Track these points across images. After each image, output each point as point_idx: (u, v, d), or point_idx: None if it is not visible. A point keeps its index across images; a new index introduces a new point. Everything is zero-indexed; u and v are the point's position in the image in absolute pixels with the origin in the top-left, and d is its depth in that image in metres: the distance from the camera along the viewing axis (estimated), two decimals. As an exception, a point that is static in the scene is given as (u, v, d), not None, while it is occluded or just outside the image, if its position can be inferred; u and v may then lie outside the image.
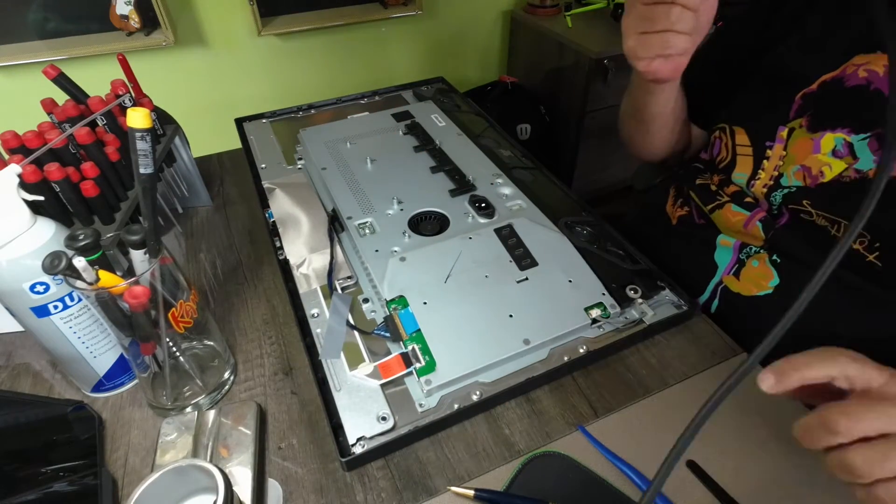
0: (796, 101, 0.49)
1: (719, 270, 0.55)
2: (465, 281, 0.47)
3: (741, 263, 0.53)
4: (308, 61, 1.57)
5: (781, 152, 0.50)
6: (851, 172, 0.45)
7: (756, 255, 0.52)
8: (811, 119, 0.47)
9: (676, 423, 0.41)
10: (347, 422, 0.39)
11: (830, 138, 0.46)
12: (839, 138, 0.45)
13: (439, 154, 0.64)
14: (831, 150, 0.46)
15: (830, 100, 0.47)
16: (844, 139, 0.45)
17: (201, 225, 0.64)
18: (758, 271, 0.51)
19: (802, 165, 0.48)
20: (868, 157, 0.44)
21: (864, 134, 0.44)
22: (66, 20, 1.27)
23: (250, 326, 0.50)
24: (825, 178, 0.46)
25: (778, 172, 0.50)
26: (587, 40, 1.48)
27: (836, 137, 0.45)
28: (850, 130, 0.45)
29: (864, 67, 0.44)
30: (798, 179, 0.48)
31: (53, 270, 0.32)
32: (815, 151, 0.47)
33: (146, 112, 0.33)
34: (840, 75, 0.46)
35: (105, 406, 0.44)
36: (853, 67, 0.45)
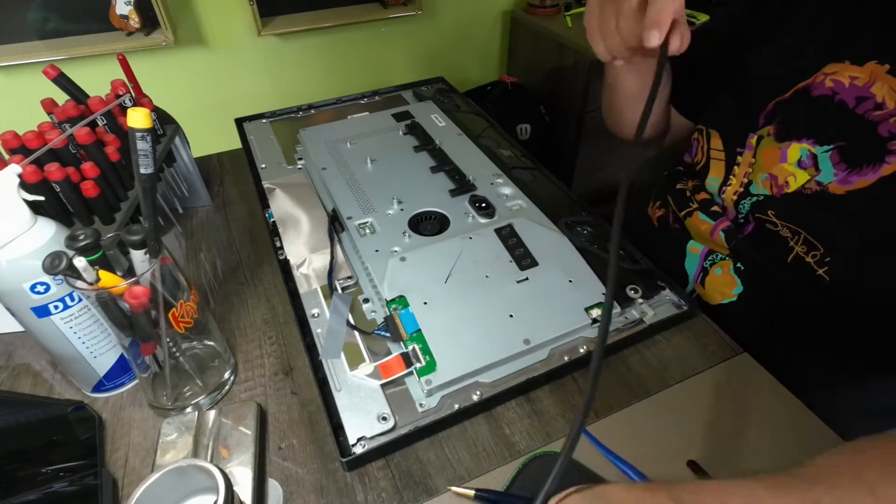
0: (768, 108, 0.48)
1: (689, 279, 0.56)
2: (466, 281, 0.47)
3: (705, 272, 0.53)
4: (308, 61, 1.57)
5: (751, 159, 0.49)
6: (813, 184, 0.44)
7: (720, 262, 0.52)
8: (778, 127, 0.47)
9: (676, 423, 0.41)
10: (348, 422, 0.39)
11: (796, 148, 0.45)
12: (804, 149, 0.44)
13: (439, 154, 0.64)
14: (797, 160, 0.45)
15: (798, 109, 0.46)
16: (809, 150, 0.44)
17: (201, 225, 0.64)
18: (721, 279, 0.52)
19: (770, 174, 0.47)
20: (829, 170, 0.43)
21: (827, 146, 0.43)
22: (66, 20, 1.27)
23: (250, 326, 0.50)
24: (790, 188, 0.46)
25: (748, 180, 0.49)
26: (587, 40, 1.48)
27: (801, 148, 0.45)
28: (814, 141, 0.44)
29: (831, 77, 0.43)
30: (766, 188, 0.48)
31: (54, 270, 0.32)
32: (782, 161, 0.46)
33: (146, 112, 0.33)
34: (810, 84, 0.45)
35: (105, 406, 0.44)
36: (822, 76, 0.44)
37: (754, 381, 0.44)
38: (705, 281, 0.53)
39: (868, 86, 0.41)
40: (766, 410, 0.41)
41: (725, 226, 0.51)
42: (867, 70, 0.41)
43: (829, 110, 0.43)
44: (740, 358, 0.45)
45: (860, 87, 0.41)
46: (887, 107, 0.40)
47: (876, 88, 0.40)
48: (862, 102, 0.41)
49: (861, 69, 0.42)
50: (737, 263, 0.51)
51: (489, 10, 1.73)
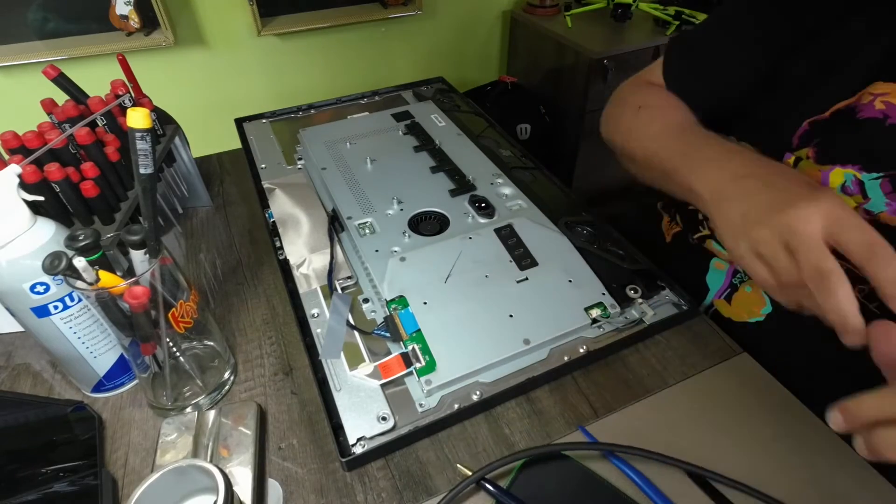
0: (803, 127, 0.43)
1: (710, 293, 0.52)
2: (465, 281, 0.47)
3: (734, 288, 0.50)
4: (308, 61, 1.57)
5: None
6: (861, 213, 0.39)
7: (750, 281, 0.49)
8: (818, 150, 0.42)
9: (676, 423, 0.41)
10: (347, 422, 0.39)
11: (839, 173, 0.40)
12: (849, 174, 0.40)
13: (439, 154, 0.64)
14: (840, 185, 0.40)
15: (842, 131, 0.41)
16: (855, 176, 0.40)
17: (201, 225, 0.64)
18: (751, 298, 0.49)
19: None
20: (880, 199, 0.38)
21: (877, 174, 0.39)
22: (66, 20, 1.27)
23: (250, 326, 0.50)
24: None
25: None
26: (587, 40, 1.48)
27: (845, 173, 0.40)
28: (860, 167, 0.39)
29: (881, 98, 0.38)
30: None
31: (53, 271, 0.32)
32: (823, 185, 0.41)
33: (146, 112, 0.33)
34: (854, 104, 0.40)
35: (105, 406, 0.44)
36: (870, 96, 0.39)
37: (754, 381, 0.44)
38: (732, 297, 0.50)
39: None
40: (766, 410, 0.41)
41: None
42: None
43: (878, 135, 0.39)
44: (740, 358, 0.45)
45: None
46: None
47: None
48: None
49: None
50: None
51: (489, 10, 1.73)
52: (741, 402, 0.42)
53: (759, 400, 0.42)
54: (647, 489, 0.36)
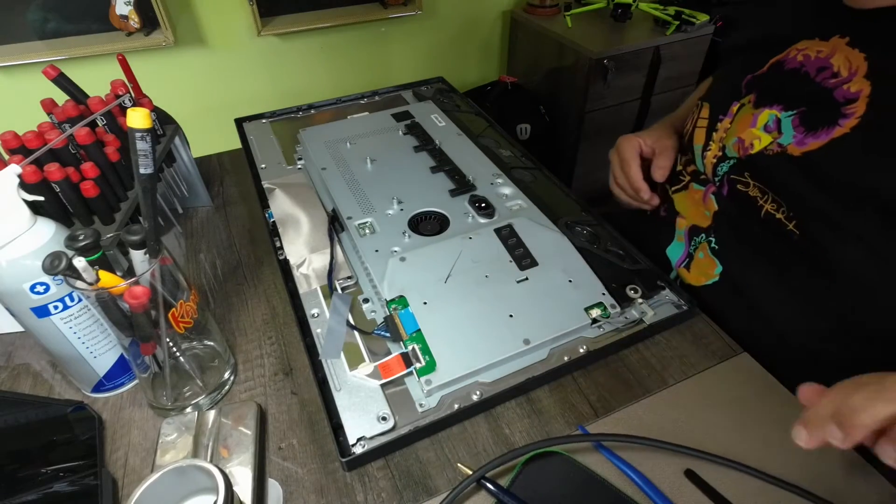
0: (746, 79, 0.53)
1: (672, 263, 0.59)
2: (466, 281, 0.47)
3: (690, 257, 0.56)
4: (308, 61, 1.57)
5: (727, 125, 0.53)
6: (774, 146, 0.47)
7: (700, 246, 0.55)
8: (756, 96, 0.51)
9: (676, 422, 0.41)
10: (347, 422, 0.39)
11: (766, 114, 0.49)
12: (772, 114, 0.48)
13: (439, 154, 0.64)
14: (764, 124, 0.49)
15: (773, 80, 0.50)
16: (776, 115, 0.48)
17: (201, 225, 0.64)
18: (704, 262, 0.54)
19: (739, 137, 0.51)
20: (790, 133, 0.46)
21: (791, 111, 0.47)
22: (66, 20, 1.27)
23: (250, 326, 0.50)
24: (753, 149, 0.49)
25: (723, 144, 0.53)
26: (587, 40, 1.48)
27: (770, 114, 0.48)
28: (782, 108, 0.48)
29: (802, 52, 0.48)
30: (735, 151, 0.51)
31: (53, 271, 0.32)
32: (752, 126, 0.50)
33: (146, 112, 0.33)
34: (784, 58, 0.49)
35: (105, 406, 0.44)
36: (795, 51, 0.48)
37: (754, 381, 0.44)
38: (690, 266, 0.56)
39: (828, 57, 0.45)
40: (766, 410, 0.41)
41: (713, 189, 0.54)
42: (831, 44, 0.45)
43: (796, 80, 0.47)
44: (740, 358, 0.45)
45: (822, 58, 0.46)
46: (842, 75, 0.44)
47: (835, 59, 0.45)
48: (821, 72, 0.45)
49: (826, 43, 0.46)
50: (711, 244, 0.54)
51: (489, 10, 1.73)
52: (741, 402, 0.42)
53: (759, 400, 0.42)
54: (647, 488, 0.36)
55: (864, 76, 0.42)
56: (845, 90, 0.43)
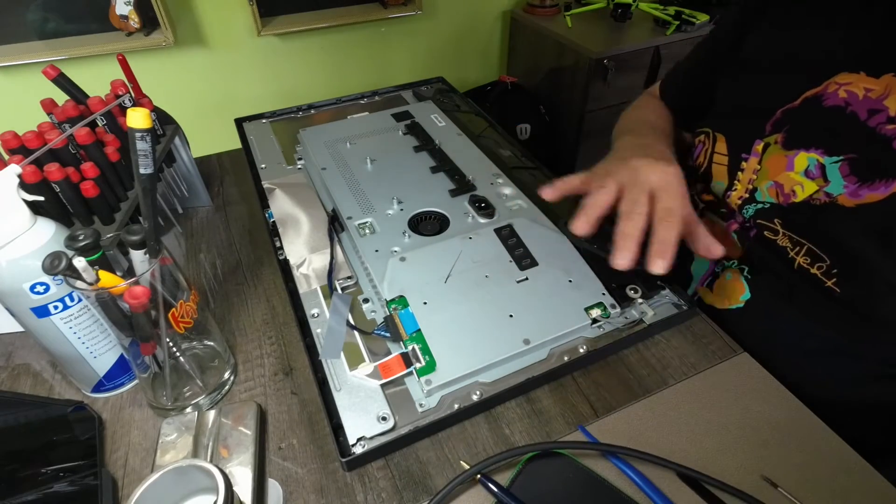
0: (776, 116, 0.47)
1: (694, 281, 0.55)
2: (465, 281, 0.47)
3: (715, 276, 0.53)
4: (308, 61, 1.57)
5: (756, 166, 0.48)
6: (822, 195, 0.43)
7: (730, 268, 0.52)
8: (787, 136, 0.46)
9: (676, 422, 0.41)
10: (347, 422, 0.39)
11: (804, 157, 0.44)
12: (812, 158, 0.43)
13: (439, 154, 0.64)
14: (804, 169, 0.44)
15: (808, 118, 0.45)
16: (817, 160, 0.43)
17: (201, 225, 0.64)
18: (731, 284, 0.51)
19: (775, 182, 0.46)
20: (839, 181, 0.42)
21: (837, 157, 0.42)
22: (66, 20, 1.27)
23: (250, 326, 0.50)
24: (797, 197, 0.45)
25: (752, 186, 0.48)
26: (587, 40, 1.48)
27: (809, 157, 0.44)
28: (823, 151, 0.43)
29: (845, 87, 0.42)
30: (771, 196, 0.47)
31: (53, 271, 0.32)
32: (788, 169, 0.45)
33: (146, 112, 0.33)
34: (821, 92, 0.44)
35: (105, 406, 0.44)
36: (835, 86, 0.43)
37: (754, 381, 0.44)
38: (714, 285, 0.53)
39: (882, 98, 0.40)
40: (766, 410, 0.41)
41: (735, 227, 0.51)
42: (883, 83, 0.40)
43: (840, 121, 0.42)
44: (740, 358, 0.45)
45: (874, 99, 0.40)
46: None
47: (890, 101, 0.39)
48: (874, 115, 0.40)
49: (877, 81, 0.40)
50: (745, 272, 0.50)
51: (489, 10, 1.73)
52: (741, 402, 0.42)
53: (759, 400, 0.42)
54: (647, 489, 0.36)
55: None
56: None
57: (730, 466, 0.38)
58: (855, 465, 0.38)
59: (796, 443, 0.39)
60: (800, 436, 0.40)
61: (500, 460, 0.37)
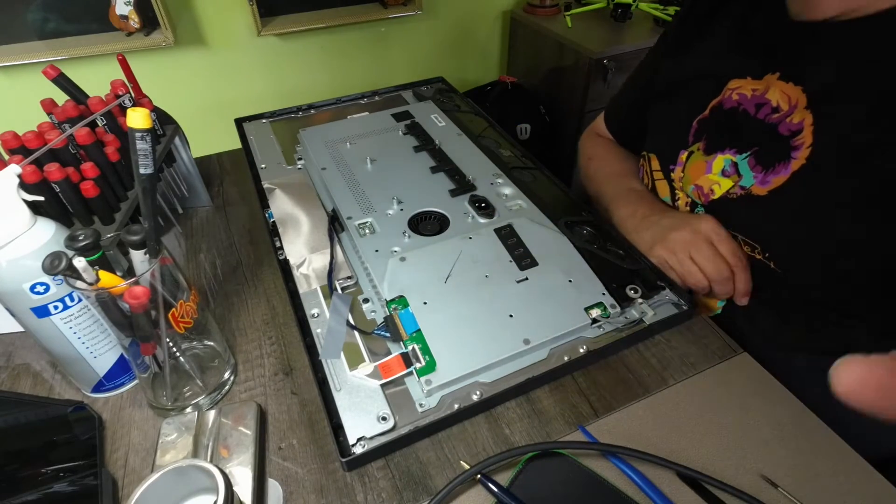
0: (693, 127, 0.53)
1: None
2: (465, 281, 0.47)
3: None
4: (308, 61, 1.57)
5: (680, 174, 0.53)
6: (737, 189, 0.48)
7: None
8: (706, 143, 0.51)
9: (677, 422, 0.41)
10: (347, 422, 0.39)
11: (721, 159, 0.49)
12: (727, 159, 0.48)
13: (439, 154, 0.64)
14: (721, 170, 0.49)
15: (716, 123, 0.50)
16: (731, 159, 0.48)
17: (201, 225, 0.64)
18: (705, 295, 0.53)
19: (696, 185, 0.51)
20: (749, 174, 0.47)
21: (746, 153, 0.47)
22: (66, 20, 1.27)
23: (250, 326, 0.50)
24: (715, 195, 0.49)
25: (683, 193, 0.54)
26: (587, 40, 1.48)
27: (725, 158, 0.49)
28: (735, 151, 0.48)
29: (736, 91, 0.48)
30: (696, 197, 0.52)
31: (53, 271, 0.32)
32: (707, 172, 0.50)
33: (146, 112, 0.33)
34: (721, 100, 0.50)
35: (105, 406, 0.44)
36: (729, 91, 0.49)
37: (754, 381, 0.44)
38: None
39: (764, 93, 0.46)
40: (766, 410, 0.41)
41: None
42: (764, 82, 0.46)
43: (738, 120, 0.48)
44: (740, 358, 0.45)
45: (758, 95, 0.46)
46: (782, 109, 0.44)
47: (770, 94, 0.45)
48: (761, 108, 0.46)
49: (760, 81, 0.47)
50: None
51: (489, 10, 1.73)
52: (741, 402, 0.42)
53: (759, 400, 0.42)
54: (647, 489, 0.36)
55: (805, 107, 0.43)
56: (788, 123, 0.44)
57: (730, 466, 0.38)
58: (855, 465, 0.38)
59: (796, 443, 0.39)
60: (800, 436, 0.40)
61: (500, 460, 0.37)
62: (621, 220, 0.58)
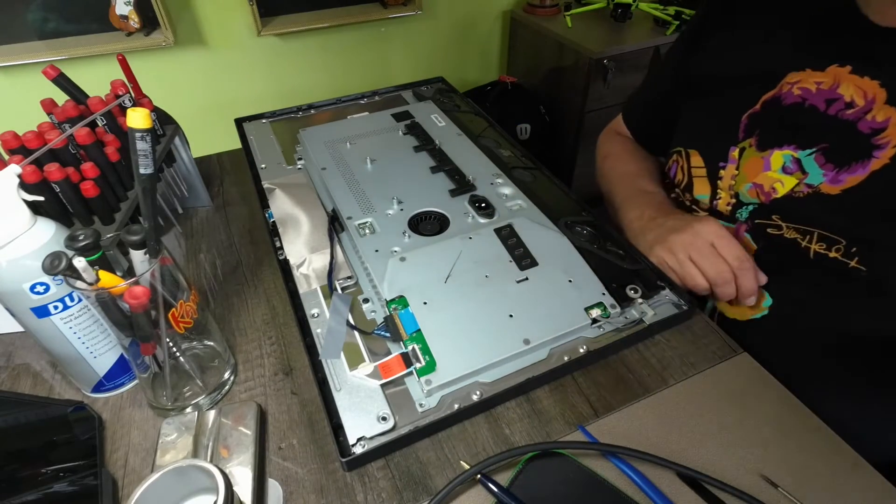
0: (742, 122, 0.50)
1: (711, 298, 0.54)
2: (465, 281, 0.47)
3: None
4: (308, 61, 1.57)
5: (734, 171, 0.51)
6: (803, 187, 0.45)
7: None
8: (759, 138, 0.49)
9: (677, 422, 0.41)
10: (347, 422, 0.39)
11: (779, 156, 0.47)
12: (787, 155, 0.46)
13: (439, 154, 0.64)
14: (780, 166, 0.47)
15: (773, 118, 0.48)
16: (792, 155, 0.46)
17: (201, 225, 0.64)
18: None
19: (754, 183, 0.49)
20: (817, 172, 0.44)
21: (810, 149, 0.45)
22: (65, 20, 1.27)
23: (250, 326, 0.50)
24: (778, 193, 0.47)
25: (734, 191, 0.51)
26: (587, 40, 1.48)
27: (783, 154, 0.47)
28: (795, 147, 0.46)
29: (797, 85, 0.46)
30: (752, 196, 0.49)
31: (53, 271, 0.32)
32: (765, 169, 0.48)
33: (146, 112, 0.33)
34: (778, 94, 0.47)
35: (105, 406, 0.44)
36: (787, 86, 0.47)
37: (754, 381, 0.44)
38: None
39: (834, 88, 0.43)
40: (766, 410, 0.41)
41: (746, 228, 0.51)
42: (829, 74, 0.44)
43: (802, 116, 0.45)
44: (740, 358, 0.45)
45: (826, 90, 0.44)
46: (857, 105, 0.42)
47: (842, 89, 0.43)
48: (832, 104, 0.43)
49: (823, 74, 0.44)
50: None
51: (489, 10, 1.73)
52: (741, 402, 0.42)
53: (759, 400, 0.42)
54: (647, 489, 0.36)
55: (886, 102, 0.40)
56: (870, 120, 0.41)
57: (730, 466, 0.38)
58: (855, 465, 0.38)
59: (796, 443, 0.39)
60: (800, 436, 0.39)
61: (500, 460, 0.37)
62: (629, 222, 0.58)
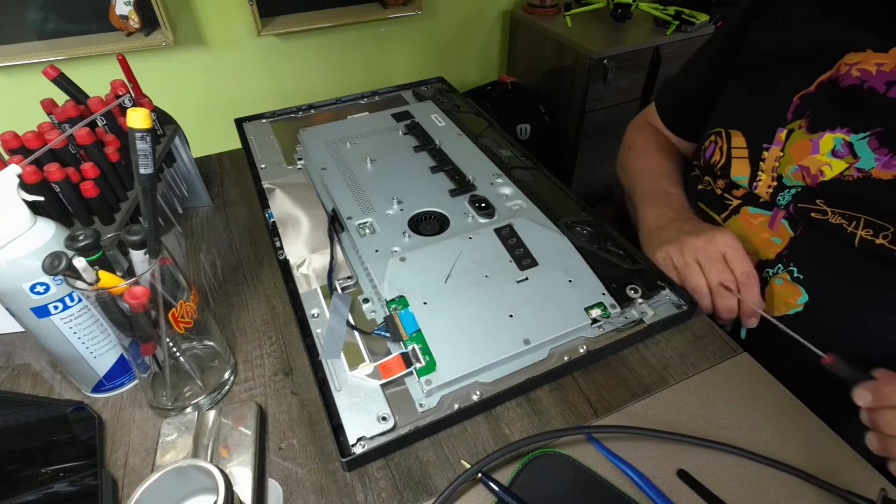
0: (794, 103, 0.48)
1: None
2: (465, 281, 0.47)
3: (764, 283, 0.51)
4: (308, 61, 1.57)
5: (778, 153, 0.49)
6: (853, 171, 0.44)
7: (778, 274, 0.50)
8: (810, 120, 0.47)
9: (676, 422, 0.41)
10: (348, 422, 0.39)
11: (829, 139, 0.45)
12: (838, 138, 0.45)
13: (439, 154, 0.64)
14: (830, 150, 0.45)
15: (827, 100, 0.46)
16: (844, 139, 0.44)
17: (201, 225, 0.64)
18: (784, 289, 0.49)
19: (800, 165, 0.47)
20: (869, 156, 0.43)
21: (864, 133, 0.43)
22: (65, 20, 1.27)
23: (250, 326, 0.50)
24: (825, 177, 0.45)
25: (777, 174, 0.49)
26: (587, 40, 1.48)
27: (835, 138, 0.45)
28: (848, 130, 0.44)
29: (856, 67, 0.44)
30: (797, 179, 0.47)
31: (53, 271, 0.32)
32: (813, 152, 0.46)
33: (146, 112, 0.33)
34: (835, 75, 0.46)
35: (105, 406, 0.44)
36: (846, 67, 0.45)
37: (754, 381, 0.44)
38: (765, 292, 0.50)
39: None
40: (766, 410, 0.41)
41: (784, 214, 0.49)
42: (892, 56, 0.42)
43: (860, 99, 0.43)
44: (740, 358, 0.45)
45: (888, 72, 0.42)
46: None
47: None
48: (893, 86, 0.42)
49: (886, 55, 0.42)
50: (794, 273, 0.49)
51: (489, 10, 1.73)
52: (741, 402, 0.42)
53: (759, 400, 0.42)
54: (647, 489, 0.36)
55: None
56: None
57: (729, 466, 0.38)
58: (855, 465, 0.38)
59: (796, 443, 0.39)
60: (799, 436, 0.40)
61: (499, 456, 0.37)
62: (647, 219, 0.56)
